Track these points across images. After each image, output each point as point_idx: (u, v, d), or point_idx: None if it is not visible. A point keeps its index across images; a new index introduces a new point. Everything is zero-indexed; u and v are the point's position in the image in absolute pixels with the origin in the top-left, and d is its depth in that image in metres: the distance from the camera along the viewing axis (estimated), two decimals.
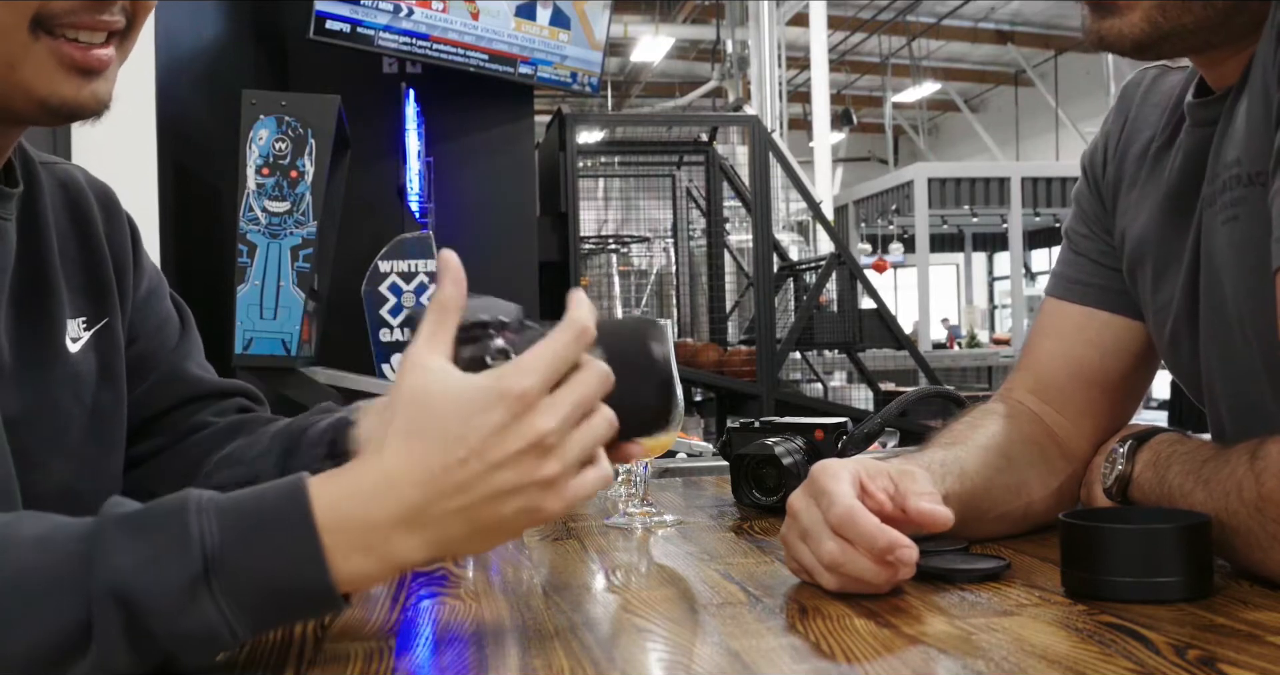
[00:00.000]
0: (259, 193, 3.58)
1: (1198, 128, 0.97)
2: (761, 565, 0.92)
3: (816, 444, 1.20)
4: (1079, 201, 1.16)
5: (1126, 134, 1.10)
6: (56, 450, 0.91)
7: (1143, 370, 1.11)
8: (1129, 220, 1.07)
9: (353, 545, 0.63)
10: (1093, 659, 0.63)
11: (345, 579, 0.62)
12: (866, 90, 18.05)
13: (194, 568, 0.60)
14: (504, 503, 0.64)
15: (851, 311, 6.37)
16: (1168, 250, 1.01)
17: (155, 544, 0.61)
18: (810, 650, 0.68)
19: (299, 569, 0.62)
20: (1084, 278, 1.12)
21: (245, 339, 3.53)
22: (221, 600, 0.60)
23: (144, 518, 0.62)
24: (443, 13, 4.63)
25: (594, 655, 0.67)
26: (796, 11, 12.58)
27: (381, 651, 0.69)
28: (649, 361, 0.75)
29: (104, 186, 1.04)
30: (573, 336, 0.67)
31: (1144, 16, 0.89)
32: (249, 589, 0.61)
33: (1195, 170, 0.96)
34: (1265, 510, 0.77)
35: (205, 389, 1.06)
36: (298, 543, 0.62)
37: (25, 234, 0.92)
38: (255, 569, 0.61)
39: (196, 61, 3.98)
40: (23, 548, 0.61)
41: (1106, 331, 1.10)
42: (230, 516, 0.62)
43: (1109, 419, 1.09)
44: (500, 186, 5.08)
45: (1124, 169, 1.09)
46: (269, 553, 0.61)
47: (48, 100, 0.79)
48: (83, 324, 0.96)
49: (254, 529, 0.62)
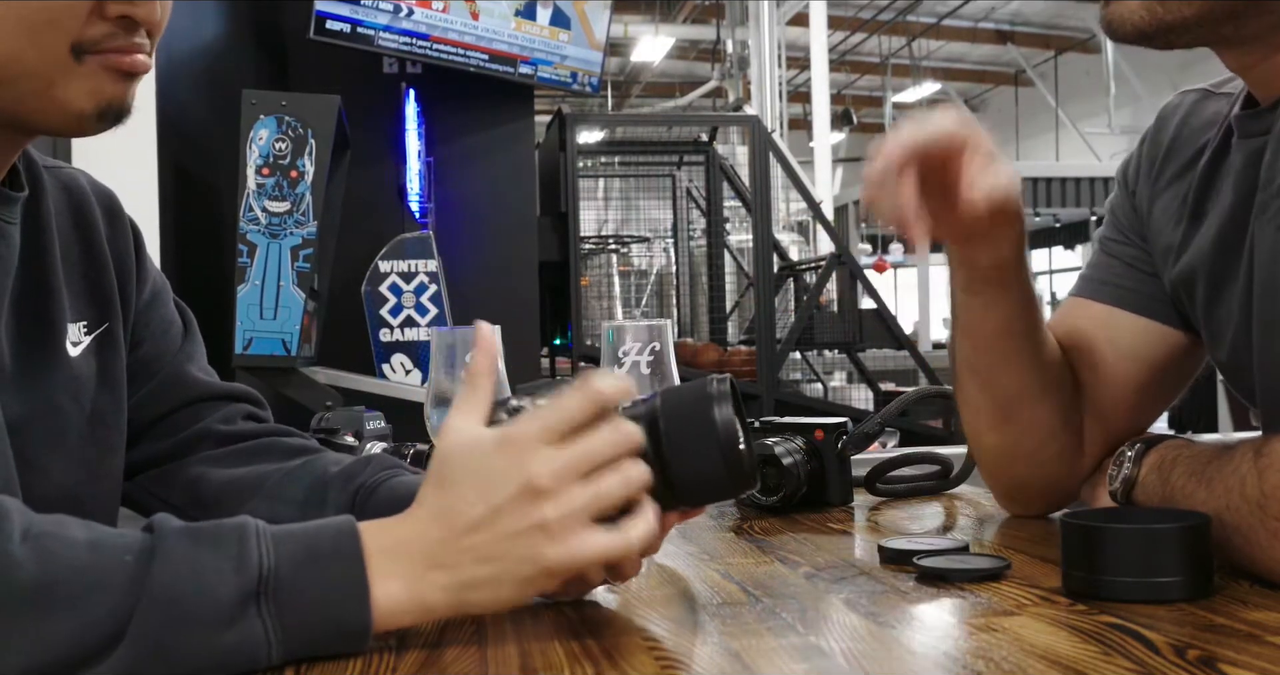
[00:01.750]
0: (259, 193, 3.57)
1: (1248, 140, 0.95)
2: (761, 565, 0.92)
3: (816, 444, 1.20)
4: (1114, 211, 1.14)
5: (1165, 152, 1.07)
6: (56, 453, 0.91)
7: (1160, 379, 1.09)
8: (1170, 237, 1.05)
9: (389, 574, 0.67)
10: (1093, 659, 0.63)
11: (379, 608, 0.67)
12: (866, 90, 18.06)
13: (249, 584, 0.63)
14: (509, 545, 0.68)
15: (851, 311, 6.37)
16: (1224, 265, 0.98)
17: (214, 556, 0.64)
18: (810, 650, 0.68)
19: (345, 597, 0.66)
20: (1112, 279, 1.10)
21: (245, 339, 3.53)
22: (269, 619, 0.63)
23: (203, 531, 0.66)
24: (443, 13, 4.63)
25: (594, 655, 0.67)
26: (796, 11, 12.58)
27: (382, 652, 0.69)
28: (708, 427, 0.71)
29: (107, 191, 1.04)
30: (583, 394, 0.70)
31: (1143, 4, 0.88)
32: (295, 611, 0.64)
33: (1248, 182, 0.94)
34: (1267, 507, 0.77)
35: (208, 392, 1.07)
36: (348, 572, 0.66)
37: (29, 238, 0.92)
38: (306, 592, 0.65)
39: (196, 61, 3.98)
40: (76, 546, 0.63)
41: (1126, 332, 1.08)
42: (286, 543, 0.66)
43: (1112, 419, 1.07)
44: (500, 186, 5.08)
45: (1159, 186, 1.07)
46: (318, 577, 0.66)
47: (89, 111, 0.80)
48: (84, 328, 0.96)
49: (309, 556, 0.66)
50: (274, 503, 0.98)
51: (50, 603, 0.61)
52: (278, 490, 0.99)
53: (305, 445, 1.07)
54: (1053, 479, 1.08)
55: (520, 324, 4.86)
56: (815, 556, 0.95)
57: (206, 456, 1.04)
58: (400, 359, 4.26)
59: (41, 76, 0.79)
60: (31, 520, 0.64)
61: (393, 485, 0.96)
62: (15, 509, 0.64)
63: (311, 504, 0.97)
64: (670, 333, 1.08)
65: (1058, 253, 17.52)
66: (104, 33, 0.79)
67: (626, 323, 1.07)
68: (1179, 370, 1.10)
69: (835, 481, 1.20)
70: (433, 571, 0.68)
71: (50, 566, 0.62)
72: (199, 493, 1.01)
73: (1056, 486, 1.09)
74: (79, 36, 0.79)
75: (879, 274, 14.26)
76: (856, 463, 1.22)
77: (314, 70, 4.61)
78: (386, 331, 4.24)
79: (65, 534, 0.64)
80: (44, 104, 0.80)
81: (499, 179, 5.04)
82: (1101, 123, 14.82)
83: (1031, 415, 1.06)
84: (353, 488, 0.96)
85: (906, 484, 1.27)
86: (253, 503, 0.98)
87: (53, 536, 0.63)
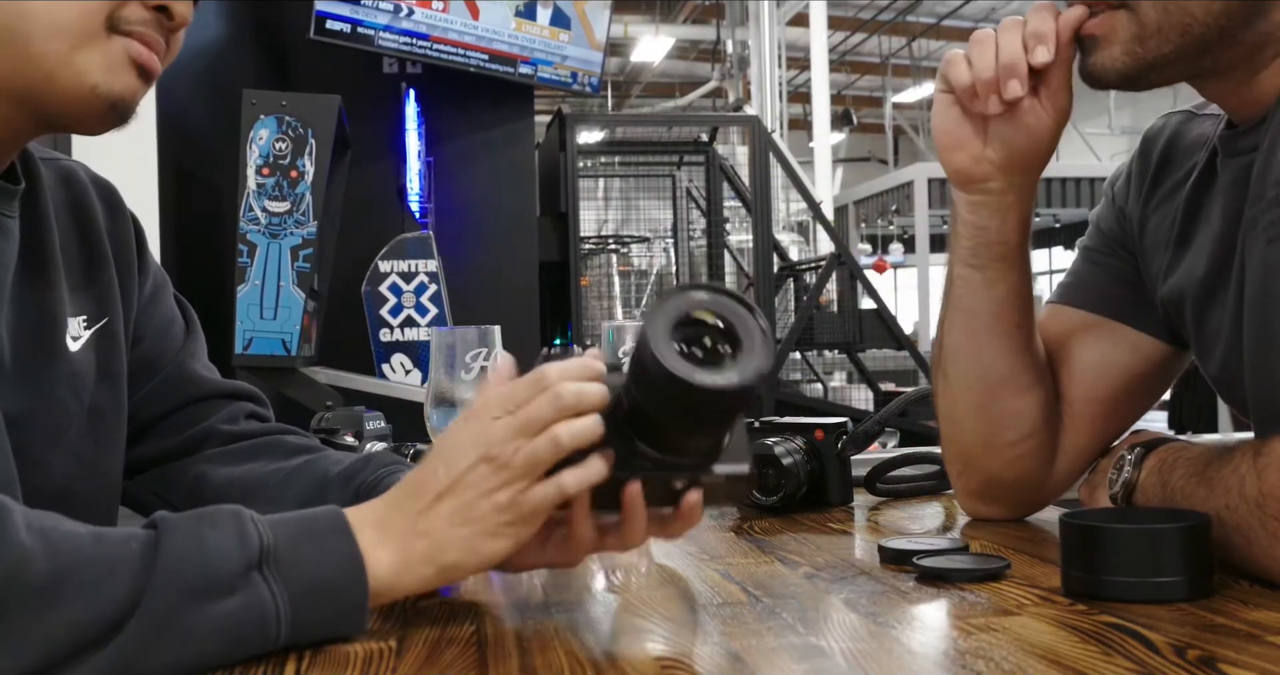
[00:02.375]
0: (259, 193, 3.57)
1: (1233, 158, 0.96)
2: (761, 565, 0.92)
3: (816, 444, 1.20)
4: (1099, 224, 1.14)
5: (1154, 174, 1.08)
6: (54, 448, 0.91)
7: (1138, 387, 1.09)
8: (1160, 258, 1.05)
9: (378, 545, 0.72)
10: (1093, 659, 0.63)
11: (375, 575, 0.71)
12: (866, 90, 18.06)
13: (252, 556, 0.67)
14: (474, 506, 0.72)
15: (851, 311, 6.37)
16: (1214, 280, 0.98)
17: (215, 533, 0.67)
18: (810, 650, 0.68)
19: (342, 564, 0.70)
20: (1094, 286, 1.11)
21: (245, 339, 3.53)
22: (275, 585, 0.67)
23: (202, 514, 0.70)
24: (443, 12, 4.63)
25: (594, 655, 0.67)
26: (796, 12, 12.58)
27: (382, 652, 0.69)
28: (653, 360, 0.65)
29: (107, 183, 1.04)
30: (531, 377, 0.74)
31: (1124, 48, 0.90)
32: (298, 578, 0.68)
33: (1237, 199, 0.95)
34: (1266, 506, 0.77)
35: (211, 390, 1.06)
36: (341, 543, 0.71)
37: (28, 231, 0.92)
38: (305, 563, 0.69)
39: (196, 61, 3.98)
40: (80, 538, 0.65)
41: (1106, 339, 1.08)
42: (279, 525, 0.71)
43: (1087, 425, 1.07)
44: (500, 186, 5.08)
45: (1149, 207, 1.08)
46: (314, 550, 0.70)
47: (100, 89, 0.81)
48: (83, 323, 0.95)
49: (300, 532, 0.71)
50: (275, 505, 0.97)
51: (65, 590, 0.62)
52: (278, 491, 0.99)
53: (307, 444, 1.07)
54: (1024, 478, 1.08)
55: (520, 324, 4.85)
56: (815, 556, 0.95)
57: (209, 455, 1.03)
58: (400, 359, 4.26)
59: (71, 37, 0.80)
60: (30, 515, 0.65)
61: (392, 482, 0.96)
62: (13, 504, 0.65)
63: (311, 504, 0.97)
64: None
65: (1058, 253, 17.52)
66: (139, 17, 0.82)
67: (626, 323, 1.07)
68: (1157, 379, 1.10)
69: (835, 481, 1.20)
70: (414, 539, 0.72)
71: (62, 556, 0.63)
72: (200, 492, 1.01)
73: (1026, 487, 1.09)
74: (118, 10, 0.81)
75: (879, 274, 14.27)
76: (856, 463, 1.22)
77: (314, 70, 4.60)
78: (386, 331, 4.24)
79: (65, 527, 0.65)
80: (62, 69, 0.81)
81: (499, 179, 5.04)
82: (1102, 123, 14.83)
83: (1016, 404, 1.06)
84: (353, 487, 0.96)
85: (906, 484, 1.27)
86: (254, 505, 0.98)
87: (55, 530, 0.64)
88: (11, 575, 0.61)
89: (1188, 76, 0.95)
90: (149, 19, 0.83)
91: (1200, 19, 0.88)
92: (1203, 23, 0.88)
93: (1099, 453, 1.08)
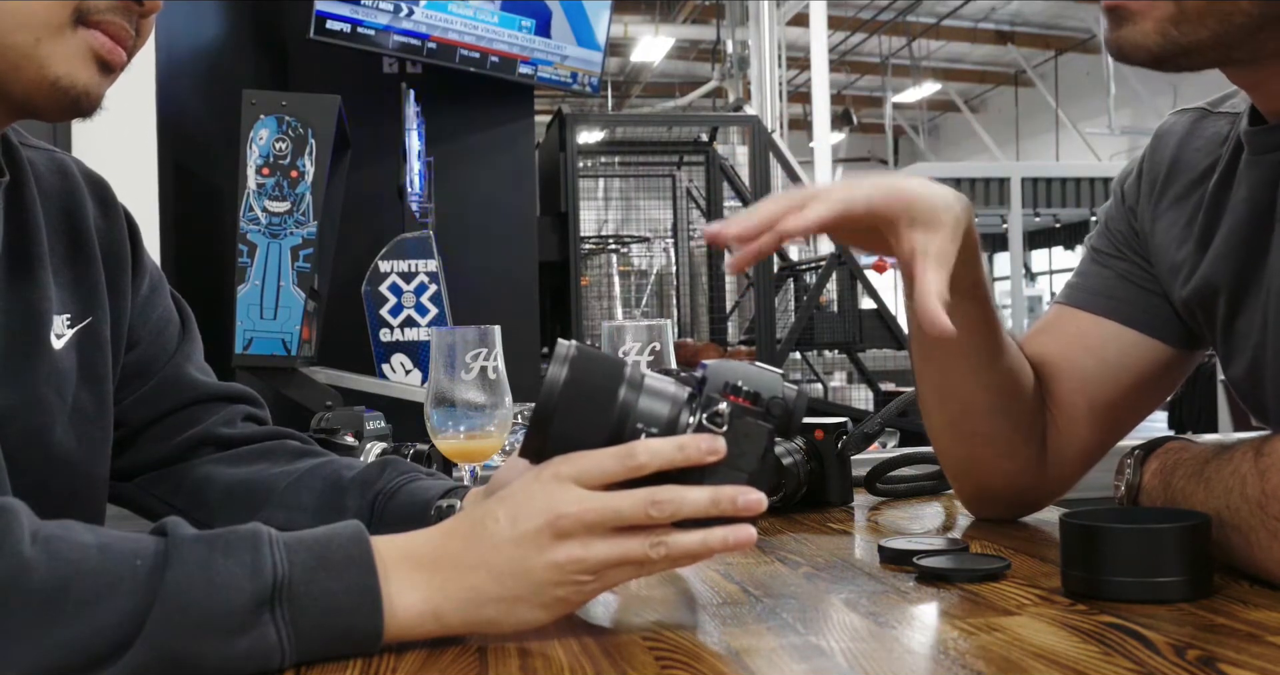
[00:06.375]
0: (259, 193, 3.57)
1: (1261, 155, 0.94)
2: (761, 565, 0.92)
3: (816, 444, 1.20)
4: (1108, 222, 1.12)
5: (1167, 173, 1.06)
6: (35, 448, 0.89)
7: (1143, 392, 1.09)
8: (1175, 257, 1.04)
9: (403, 582, 0.68)
10: (1093, 659, 0.63)
11: (393, 615, 0.67)
12: (866, 90, 18.05)
13: (264, 591, 0.64)
14: (526, 571, 0.68)
15: (851, 312, 6.37)
16: (1245, 280, 0.96)
17: (228, 563, 0.64)
18: (810, 650, 0.68)
19: (358, 603, 0.66)
20: (1102, 290, 1.09)
21: (245, 339, 3.53)
22: (283, 626, 0.64)
23: (217, 538, 0.66)
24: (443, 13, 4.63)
25: (594, 655, 0.67)
26: (796, 12, 12.57)
27: (382, 652, 0.69)
28: None
29: (99, 178, 1.02)
30: (623, 449, 0.70)
31: (1156, 27, 0.85)
32: (309, 618, 0.65)
33: (1265, 197, 0.93)
34: (1267, 507, 0.77)
35: (206, 393, 1.05)
36: (360, 579, 0.67)
37: (11, 226, 0.90)
38: (319, 599, 0.65)
39: (196, 61, 3.98)
40: (86, 549, 0.63)
41: (1113, 344, 1.07)
42: (299, 551, 0.67)
43: (1091, 428, 1.07)
44: (500, 186, 5.08)
45: (1161, 206, 1.06)
46: (334, 585, 0.66)
47: (61, 82, 0.81)
48: (67, 321, 0.94)
49: (322, 562, 0.66)
50: (287, 511, 0.97)
51: (63, 605, 0.60)
52: (290, 497, 0.98)
53: (308, 449, 1.06)
54: (1017, 489, 1.09)
55: (520, 324, 4.85)
56: (815, 556, 0.95)
57: (210, 459, 1.03)
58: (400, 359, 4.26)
59: (35, 30, 0.79)
60: (38, 523, 0.64)
61: (411, 490, 0.96)
62: (22, 511, 0.64)
63: (326, 511, 0.96)
64: (670, 333, 1.08)
65: (1058, 253, 17.51)
66: (107, 6, 0.81)
67: (626, 323, 1.07)
68: (1163, 382, 1.10)
69: (835, 481, 1.20)
70: (446, 580, 0.68)
71: (61, 569, 0.61)
72: (203, 495, 1.01)
73: (1022, 495, 1.10)
74: (81, 4, 0.80)
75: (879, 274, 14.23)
76: (856, 463, 1.23)
77: (314, 70, 4.60)
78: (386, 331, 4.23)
79: (73, 537, 0.64)
80: (25, 61, 0.80)
81: (499, 179, 5.04)
82: (1101, 123, 14.81)
83: (984, 426, 1.06)
84: (371, 494, 0.96)
85: (906, 484, 1.28)
86: (265, 511, 0.97)
87: (61, 539, 0.63)
88: (8, 586, 0.60)
89: (1219, 64, 0.90)
90: (118, 7, 0.82)
91: (1244, 9, 0.83)
92: (1246, 12, 0.83)
93: (1102, 454, 1.08)
